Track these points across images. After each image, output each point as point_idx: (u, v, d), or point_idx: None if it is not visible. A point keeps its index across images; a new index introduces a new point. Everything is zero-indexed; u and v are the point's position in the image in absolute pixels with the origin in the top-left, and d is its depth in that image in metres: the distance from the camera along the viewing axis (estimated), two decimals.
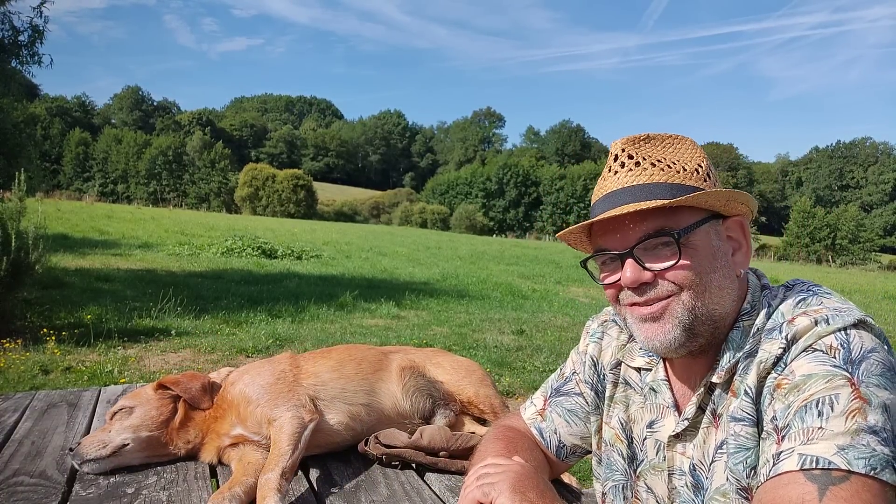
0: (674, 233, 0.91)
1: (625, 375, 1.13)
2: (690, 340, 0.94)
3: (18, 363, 4.88)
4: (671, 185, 0.94)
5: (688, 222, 0.93)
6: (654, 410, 1.06)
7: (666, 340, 0.94)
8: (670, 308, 0.93)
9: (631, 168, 0.96)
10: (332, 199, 75.93)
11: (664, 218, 0.92)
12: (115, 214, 28.88)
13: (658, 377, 1.06)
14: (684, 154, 0.98)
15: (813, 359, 0.83)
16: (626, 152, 0.98)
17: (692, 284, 0.92)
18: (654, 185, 0.94)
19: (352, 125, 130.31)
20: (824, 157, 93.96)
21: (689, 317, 0.92)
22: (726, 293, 0.94)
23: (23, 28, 9.61)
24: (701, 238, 0.93)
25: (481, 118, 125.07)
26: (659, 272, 0.93)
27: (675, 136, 1.00)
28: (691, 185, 0.94)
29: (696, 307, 0.92)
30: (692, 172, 0.95)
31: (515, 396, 5.05)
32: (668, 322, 0.93)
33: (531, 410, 1.26)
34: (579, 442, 1.21)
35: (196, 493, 1.31)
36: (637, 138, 0.99)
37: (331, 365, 1.63)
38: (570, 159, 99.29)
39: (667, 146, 0.99)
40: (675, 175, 0.94)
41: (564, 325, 8.63)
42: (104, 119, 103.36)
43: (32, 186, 8.74)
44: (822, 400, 0.79)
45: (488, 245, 32.37)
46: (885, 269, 47.47)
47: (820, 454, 0.76)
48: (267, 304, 8.33)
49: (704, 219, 0.94)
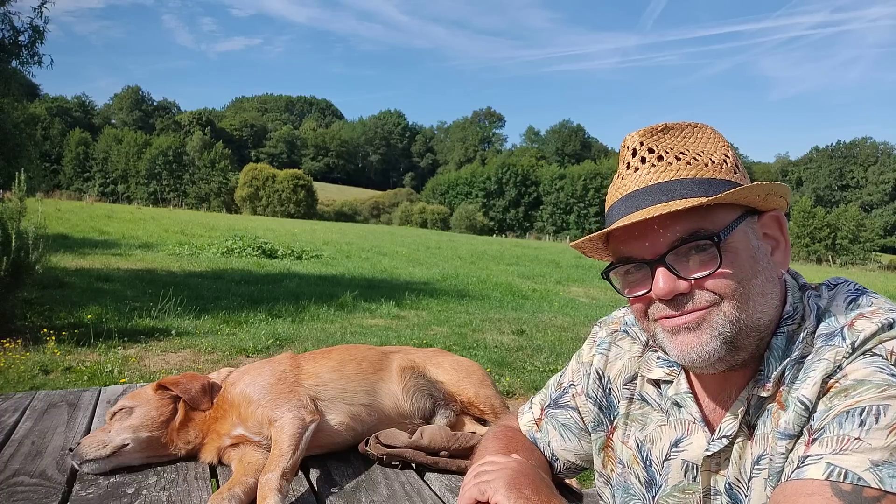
0: (713, 235, 0.80)
1: (641, 391, 1.03)
2: (732, 354, 0.83)
3: (18, 363, 4.88)
4: (701, 180, 0.83)
5: (725, 222, 0.82)
6: (679, 427, 0.95)
7: (704, 353, 0.83)
8: (709, 318, 0.82)
9: (653, 163, 0.86)
10: (332, 199, 75.96)
11: (698, 218, 0.82)
12: (115, 214, 28.87)
13: (681, 389, 0.95)
14: (708, 144, 0.88)
15: (870, 363, 0.76)
16: (646, 146, 0.87)
17: (735, 293, 0.81)
18: (683, 181, 0.83)
19: (352, 125, 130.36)
20: (824, 157, 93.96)
21: (732, 329, 0.82)
22: (770, 299, 0.84)
23: (23, 28, 9.63)
24: (739, 239, 0.83)
25: (481, 118, 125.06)
26: (696, 281, 0.82)
27: (694, 124, 0.90)
28: (722, 178, 0.84)
29: (739, 318, 0.82)
30: (720, 165, 0.85)
31: (515, 396, 5.05)
32: (707, 332, 0.82)
33: (528, 418, 1.21)
34: (573, 458, 1.15)
35: (196, 493, 1.31)
36: (655, 129, 0.89)
37: (331, 365, 1.63)
38: (570, 159, 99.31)
39: (687, 136, 0.88)
40: (703, 169, 0.84)
41: (564, 325, 8.63)
42: (104, 119, 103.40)
43: (32, 186, 8.74)
44: (869, 409, 0.72)
45: (488, 245, 32.36)
46: (886, 268, 47.48)
47: (850, 467, 0.69)
48: (267, 304, 8.33)
49: (740, 216, 0.84)
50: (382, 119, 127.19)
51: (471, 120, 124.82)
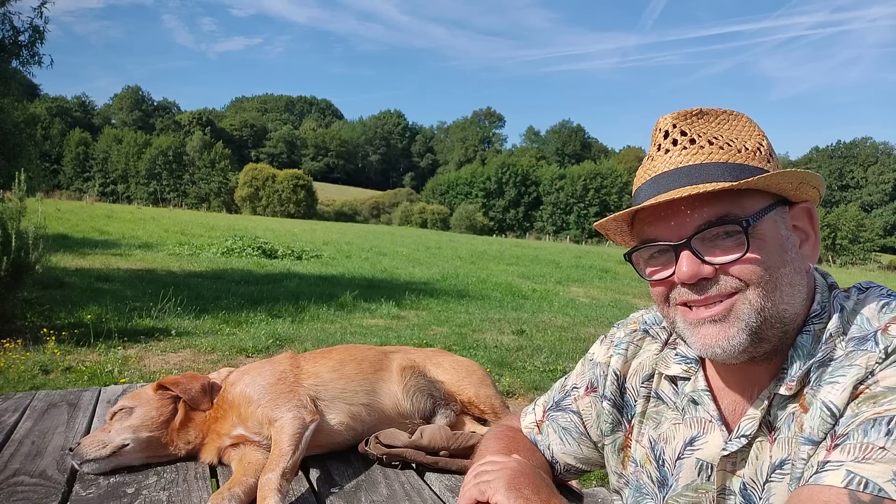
0: (742, 220, 0.79)
1: (657, 389, 1.01)
2: (755, 345, 0.81)
3: (18, 363, 4.88)
4: (733, 165, 0.81)
5: (755, 208, 0.80)
6: (695, 425, 0.93)
7: (730, 346, 0.81)
8: (735, 308, 0.80)
9: (685, 146, 0.84)
10: (332, 199, 75.98)
11: (728, 203, 0.80)
12: (115, 214, 28.87)
13: (698, 387, 0.93)
14: (742, 131, 0.86)
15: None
16: (678, 128, 0.85)
17: (761, 280, 0.79)
18: (714, 164, 0.81)
19: (352, 125, 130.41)
20: (824, 157, 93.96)
21: (757, 318, 0.80)
22: (797, 290, 0.82)
23: (23, 28, 9.63)
24: (769, 227, 0.81)
25: (481, 118, 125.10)
26: (721, 266, 0.80)
27: (729, 111, 0.88)
28: (755, 165, 0.82)
29: (764, 307, 0.80)
30: (754, 152, 0.83)
31: (515, 396, 5.05)
32: (733, 325, 0.81)
33: (530, 419, 1.21)
34: (572, 461, 1.14)
35: (196, 493, 1.31)
36: (689, 113, 0.87)
37: (331, 365, 1.63)
38: (570, 159, 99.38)
39: (721, 122, 0.87)
40: (736, 154, 0.82)
41: (564, 325, 8.63)
42: (104, 119, 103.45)
43: (32, 186, 8.75)
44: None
45: (488, 245, 32.36)
46: (885, 268, 47.49)
47: (871, 477, 0.66)
48: (267, 304, 8.33)
49: (771, 205, 0.82)
50: (382, 119, 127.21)
51: (471, 120, 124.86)
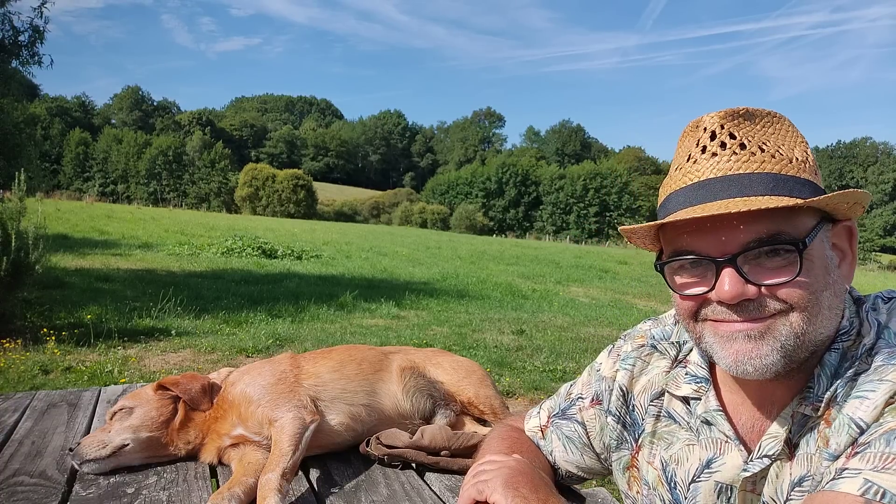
0: (798, 241, 0.73)
1: (668, 408, 0.97)
2: (786, 366, 0.77)
3: (18, 363, 4.88)
4: (785, 178, 0.75)
5: (808, 227, 0.75)
6: (710, 447, 0.89)
7: (762, 365, 0.76)
8: (774, 327, 0.75)
9: (735, 151, 0.77)
10: (332, 199, 75.97)
11: (780, 220, 0.74)
12: (115, 214, 28.88)
13: (710, 407, 0.89)
14: (787, 138, 0.79)
15: None
16: (727, 130, 0.78)
17: (807, 304, 0.75)
18: (766, 175, 0.75)
19: (352, 125, 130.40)
20: (824, 157, 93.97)
21: (795, 342, 0.75)
22: (835, 314, 0.78)
23: (23, 28, 9.63)
24: (817, 248, 0.76)
25: (481, 118, 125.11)
26: (768, 288, 0.75)
27: (773, 113, 0.81)
28: (805, 178, 0.76)
29: (805, 332, 0.75)
30: (803, 163, 0.77)
31: (515, 396, 5.05)
32: (769, 344, 0.76)
33: (534, 423, 1.19)
34: (574, 470, 1.13)
35: (196, 493, 1.31)
36: (736, 112, 0.79)
37: (331, 365, 1.63)
38: (569, 159, 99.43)
39: (767, 126, 0.80)
40: (787, 165, 0.76)
41: (564, 325, 8.63)
42: (104, 119, 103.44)
43: (32, 186, 8.74)
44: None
45: (488, 245, 32.36)
46: (885, 269, 47.47)
47: (889, 487, 0.65)
48: (267, 304, 8.33)
49: (819, 223, 0.77)
50: (382, 119, 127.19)
51: (471, 120, 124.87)
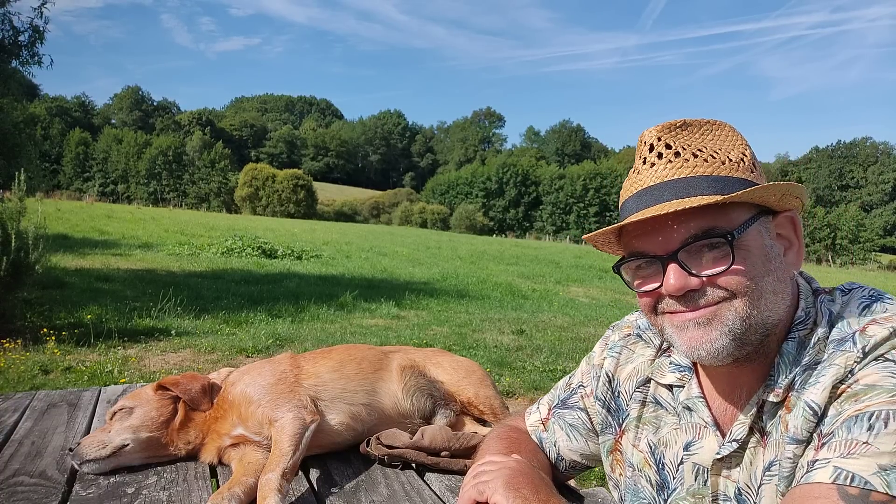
0: (727, 233, 0.81)
1: (655, 394, 1.03)
2: (739, 349, 0.84)
3: (18, 363, 4.88)
4: (718, 178, 0.83)
5: (739, 220, 0.83)
6: (690, 431, 0.96)
7: (713, 349, 0.84)
8: (720, 313, 0.83)
9: (670, 159, 0.86)
10: (332, 199, 75.99)
11: (713, 216, 0.82)
12: (115, 214, 28.88)
13: (692, 394, 0.96)
14: (725, 142, 0.88)
15: (882, 369, 0.76)
16: (664, 141, 0.87)
17: (746, 290, 0.82)
18: (698, 178, 0.83)
19: (352, 125, 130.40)
20: (824, 157, 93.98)
21: (742, 326, 0.82)
22: (781, 298, 0.85)
23: (23, 28, 9.62)
24: (753, 238, 0.84)
25: (481, 118, 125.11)
26: (708, 278, 0.83)
27: (713, 121, 0.90)
28: (739, 177, 0.84)
29: (750, 315, 0.82)
30: (737, 163, 0.85)
31: (515, 396, 5.05)
32: (717, 328, 0.83)
33: (535, 418, 1.22)
34: (578, 458, 1.16)
35: (196, 493, 1.31)
36: (673, 125, 0.88)
37: (331, 365, 1.63)
38: (569, 159, 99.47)
39: (705, 133, 0.88)
40: (720, 167, 0.84)
41: (564, 325, 8.63)
42: (104, 119, 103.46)
43: (32, 186, 8.74)
44: (878, 414, 0.72)
45: (488, 245, 32.36)
46: (885, 269, 47.48)
47: (857, 471, 0.70)
48: (267, 304, 8.33)
49: (755, 216, 0.84)
50: (382, 119, 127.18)
51: (471, 120, 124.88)
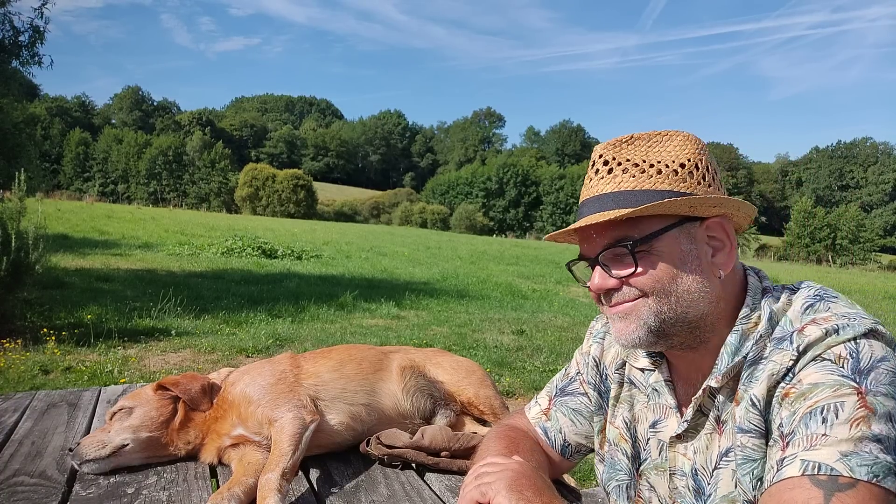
0: (627, 243, 0.92)
1: (630, 375, 1.13)
2: (662, 339, 0.95)
3: (18, 363, 4.88)
4: (638, 192, 0.93)
5: (650, 230, 0.92)
6: (658, 411, 1.07)
7: (630, 339, 0.96)
8: (636, 309, 0.94)
9: (603, 175, 0.97)
10: (332, 199, 75.97)
11: (627, 226, 0.93)
12: (115, 214, 28.87)
13: (661, 378, 1.06)
14: (670, 151, 0.95)
15: (821, 368, 0.82)
16: (603, 157, 0.98)
17: (654, 290, 0.93)
18: (621, 192, 0.94)
19: (352, 125, 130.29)
20: (824, 157, 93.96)
21: (656, 320, 0.93)
22: (698, 296, 0.93)
23: (23, 29, 9.61)
24: (667, 243, 0.93)
25: (481, 118, 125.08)
26: (623, 279, 0.94)
27: (666, 132, 0.97)
28: (663, 188, 0.92)
29: (662, 311, 0.93)
30: (671, 173, 0.93)
31: (515, 396, 5.05)
32: (634, 322, 0.95)
33: (536, 410, 1.26)
34: (584, 441, 1.22)
35: (196, 493, 1.31)
36: (619, 141, 0.98)
37: (331, 365, 1.63)
38: (570, 159, 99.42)
39: (653, 145, 0.96)
40: (647, 180, 0.93)
41: (564, 325, 8.63)
42: (104, 119, 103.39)
43: (32, 186, 8.73)
44: (828, 407, 0.79)
45: (488, 245, 32.36)
46: (886, 269, 47.47)
47: (822, 460, 0.76)
48: (267, 304, 8.33)
49: (672, 224, 0.93)
50: (382, 119, 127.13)
51: (471, 120, 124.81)
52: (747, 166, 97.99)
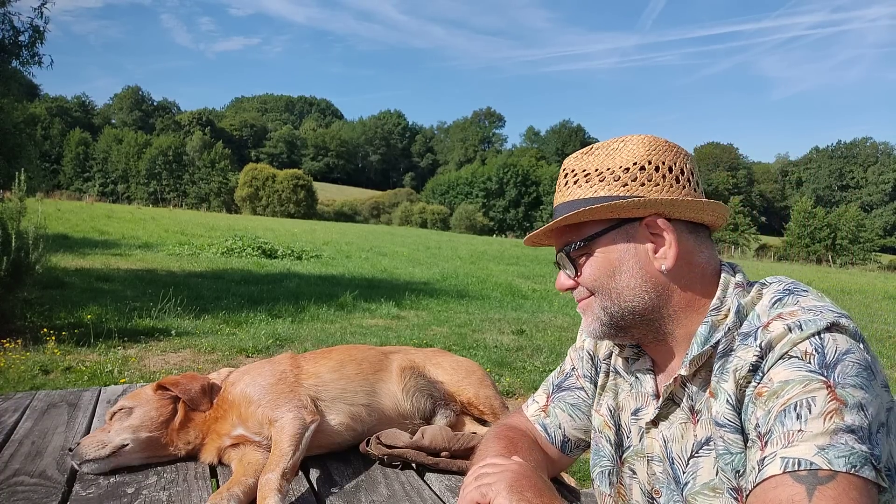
0: (566, 249, 1.02)
1: (615, 365, 1.17)
2: (622, 332, 1.03)
3: (18, 363, 4.88)
4: (580, 200, 1.00)
5: (587, 234, 1.01)
6: (639, 399, 1.10)
7: (591, 331, 1.05)
8: (590, 305, 1.04)
9: (564, 185, 1.05)
10: (332, 199, 75.97)
11: (571, 232, 1.02)
12: (115, 214, 28.88)
13: (643, 367, 1.10)
14: (622, 157, 1.00)
15: (789, 365, 0.84)
16: (565, 170, 1.05)
17: (596, 288, 1.01)
18: (572, 202, 1.01)
19: (352, 125, 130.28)
20: (824, 157, 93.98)
21: (605, 314, 1.01)
22: (640, 291, 0.98)
23: (23, 29, 9.61)
24: (604, 245, 1.00)
25: (481, 118, 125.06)
26: (574, 279, 1.04)
27: (624, 138, 1.02)
28: (602, 195, 0.99)
29: (607, 306, 1.01)
30: (612, 179, 0.99)
31: (515, 396, 5.05)
32: (590, 317, 1.04)
33: (534, 408, 1.27)
34: (583, 436, 1.23)
35: (196, 493, 1.31)
36: (582, 152, 1.05)
37: (331, 365, 1.63)
38: None
39: (611, 153, 1.01)
40: (590, 188, 1.00)
41: (564, 325, 8.63)
42: (104, 119, 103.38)
43: (32, 186, 8.72)
44: (800, 403, 0.80)
45: (488, 245, 32.36)
46: (885, 269, 47.47)
47: (801, 456, 0.77)
48: (267, 304, 8.33)
49: (609, 227, 1.00)
50: (382, 119, 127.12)
51: (471, 120, 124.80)
52: (747, 166, 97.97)
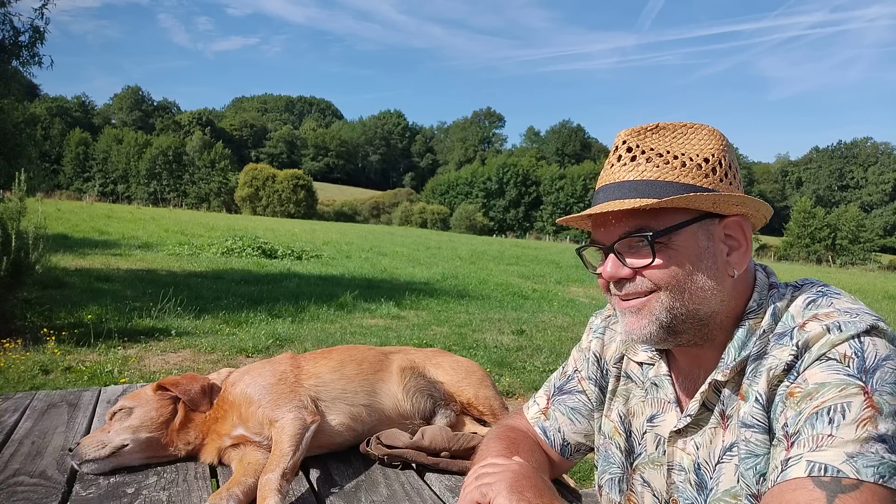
0: (648, 234, 0.91)
1: (627, 369, 1.13)
2: (672, 336, 0.95)
3: (18, 363, 4.88)
4: (662, 182, 0.91)
5: (670, 223, 0.91)
6: (656, 405, 1.06)
7: (642, 335, 0.95)
8: (649, 304, 0.93)
9: (626, 162, 0.95)
10: (332, 199, 75.98)
11: (646, 217, 0.92)
12: (115, 214, 28.87)
13: (661, 372, 1.06)
14: (695, 145, 0.94)
15: (826, 367, 0.82)
16: (626, 144, 0.96)
17: (668, 284, 0.92)
18: (644, 182, 0.92)
19: (352, 125, 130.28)
20: (824, 158, 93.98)
21: (668, 315, 0.92)
22: (710, 294, 0.92)
23: (23, 29, 9.61)
24: (685, 239, 0.92)
25: (481, 118, 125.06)
26: (637, 269, 0.93)
27: (691, 124, 0.96)
28: (686, 182, 0.91)
29: (674, 307, 0.92)
30: (695, 167, 0.92)
31: (515, 396, 5.05)
32: (645, 317, 0.94)
33: (534, 409, 1.26)
34: (583, 440, 1.21)
35: (196, 493, 1.31)
36: (644, 129, 0.96)
37: (332, 365, 1.63)
38: (570, 159, 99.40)
39: (678, 136, 0.95)
40: (671, 171, 0.92)
41: (564, 325, 8.63)
42: (104, 119, 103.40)
43: (32, 186, 8.71)
44: (834, 408, 0.78)
45: (488, 245, 32.36)
46: (885, 269, 47.48)
47: (828, 461, 0.76)
48: (267, 304, 8.32)
49: (692, 219, 0.92)
50: (382, 119, 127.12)
51: (471, 120, 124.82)
52: (747, 166, 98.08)
